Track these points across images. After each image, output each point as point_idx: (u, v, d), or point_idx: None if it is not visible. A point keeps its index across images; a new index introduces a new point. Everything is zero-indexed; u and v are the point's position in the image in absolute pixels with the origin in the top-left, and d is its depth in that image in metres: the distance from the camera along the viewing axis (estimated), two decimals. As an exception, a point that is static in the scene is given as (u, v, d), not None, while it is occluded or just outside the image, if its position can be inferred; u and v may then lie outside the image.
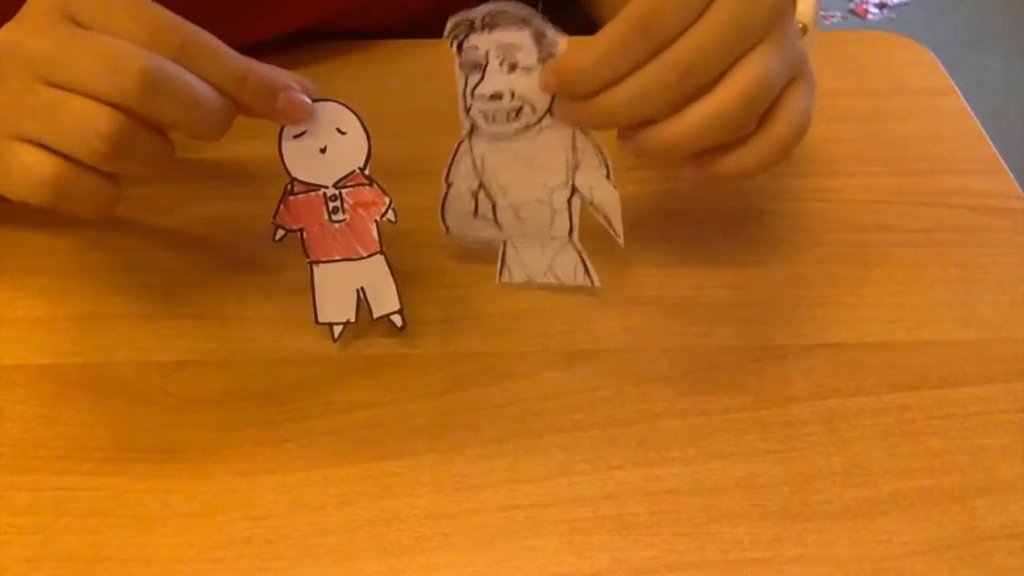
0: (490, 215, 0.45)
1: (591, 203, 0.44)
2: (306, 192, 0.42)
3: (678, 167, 0.42)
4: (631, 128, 0.40)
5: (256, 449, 0.41)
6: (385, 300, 0.43)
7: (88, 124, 0.36)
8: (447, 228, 0.45)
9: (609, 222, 0.44)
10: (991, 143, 0.55)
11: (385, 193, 0.42)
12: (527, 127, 0.42)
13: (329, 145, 0.41)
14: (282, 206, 0.42)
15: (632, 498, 0.39)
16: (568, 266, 0.45)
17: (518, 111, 0.41)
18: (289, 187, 0.42)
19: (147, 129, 0.38)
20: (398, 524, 0.39)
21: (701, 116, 0.39)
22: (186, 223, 0.49)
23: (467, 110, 0.42)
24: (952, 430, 0.42)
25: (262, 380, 0.43)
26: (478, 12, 0.39)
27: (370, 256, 0.43)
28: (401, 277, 0.47)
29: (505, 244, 0.46)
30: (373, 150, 0.41)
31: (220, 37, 0.39)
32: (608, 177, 0.43)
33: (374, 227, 0.42)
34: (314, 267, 0.43)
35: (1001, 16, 2.12)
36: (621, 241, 0.44)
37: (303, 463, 0.40)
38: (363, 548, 0.38)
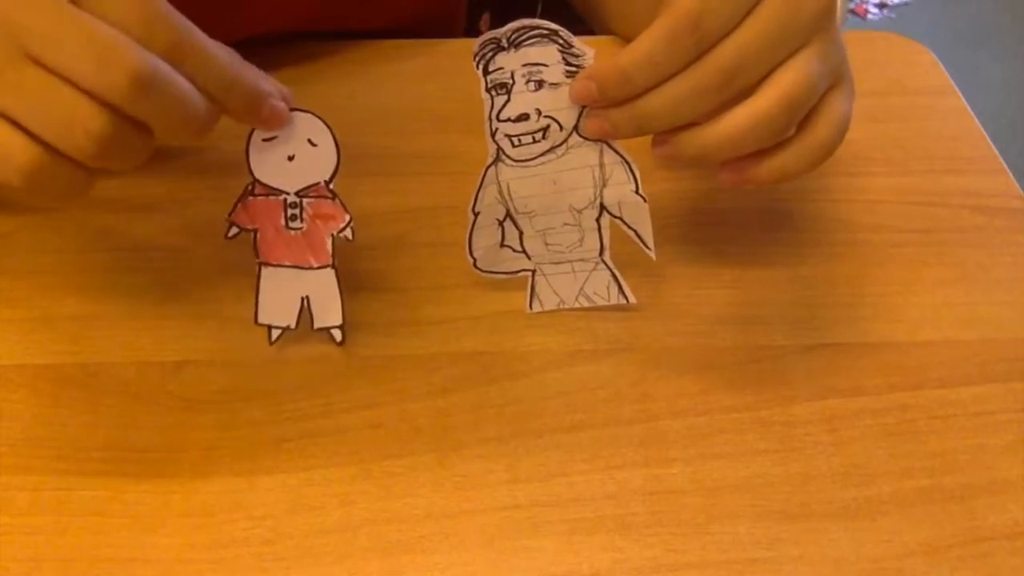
0: (517, 245, 0.45)
1: (621, 219, 0.43)
2: (266, 195, 0.41)
3: (714, 171, 0.41)
4: (666, 133, 0.40)
5: (256, 449, 0.41)
6: (329, 313, 0.43)
7: (78, 121, 0.35)
8: (474, 260, 0.45)
9: (640, 237, 0.43)
10: (991, 143, 0.55)
11: (346, 210, 0.41)
12: (553, 148, 0.41)
13: (298, 154, 0.40)
14: (239, 204, 0.41)
15: (632, 498, 0.39)
16: (601, 287, 0.45)
17: (545, 131, 0.41)
18: (250, 187, 0.41)
19: (133, 128, 0.37)
20: (398, 524, 0.39)
21: (741, 121, 0.38)
22: (186, 223, 0.49)
23: (493, 134, 0.41)
24: (952, 430, 0.42)
25: (262, 380, 0.43)
26: (504, 30, 0.39)
27: (321, 268, 0.42)
28: (401, 277, 0.47)
29: (534, 274, 0.45)
30: (373, 150, 0.41)
31: (205, 31, 0.38)
32: (637, 191, 0.42)
33: (329, 241, 0.42)
34: (262, 267, 0.42)
35: (1001, 16, 2.12)
36: (652, 255, 0.43)
37: (303, 463, 0.40)
38: (363, 548, 0.38)
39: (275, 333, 0.43)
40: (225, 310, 0.46)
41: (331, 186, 0.41)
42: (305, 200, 0.41)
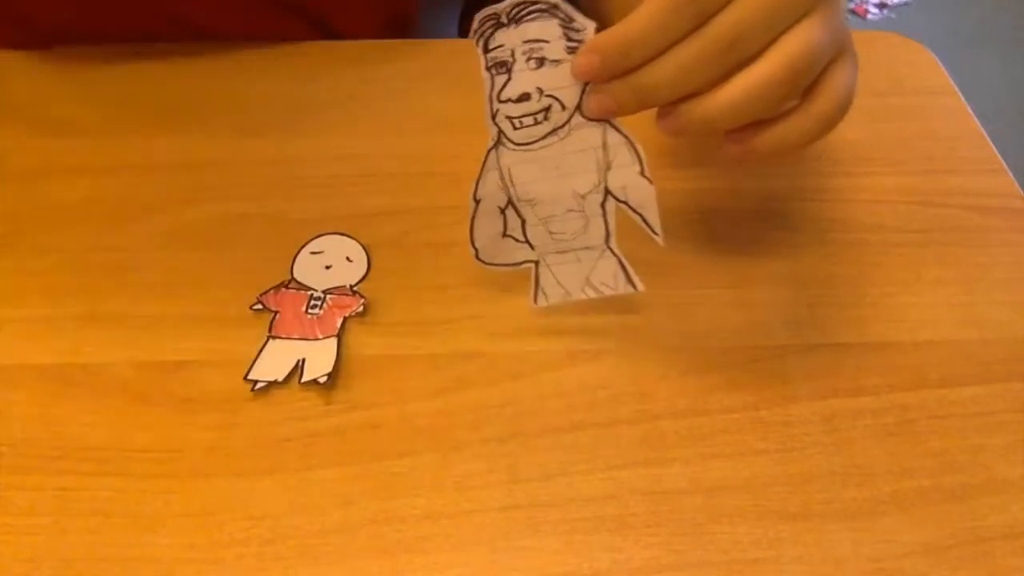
0: (520, 235, 0.44)
1: (626, 203, 0.42)
2: (297, 290, 0.46)
3: (718, 145, 0.41)
4: (670, 104, 0.39)
5: (256, 449, 0.41)
6: (319, 370, 0.43)
7: None
8: (476, 252, 0.44)
9: (646, 221, 0.42)
10: (991, 143, 0.55)
11: (362, 297, 0.46)
12: (555, 130, 0.41)
13: (335, 266, 0.47)
14: (272, 291, 0.46)
15: (632, 498, 0.39)
16: (608, 275, 0.44)
17: (546, 111, 0.40)
18: (285, 283, 0.46)
19: None
20: (398, 524, 0.39)
21: (743, 88, 0.37)
22: (186, 223, 0.49)
23: (493, 116, 0.40)
24: (952, 430, 0.42)
25: (262, 380, 0.43)
26: (503, 5, 0.38)
27: (326, 338, 0.44)
28: (400, 277, 0.47)
29: (537, 265, 0.45)
30: (372, 150, 0.41)
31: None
32: (642, 173, 0.41)
33: (340, 320, 0.45)
34: (271, 339, 0.44)
35: (1001, 16, 2.12)
36: (660, 240, 0.42)
37: (303, 463, 0.40)
38: (363, 548, 0.38)
39: (260, 384, 0.43)
40: (225, 310, 0.46)
41: (355, 288, 0.46)
42: (329, 296, 0.46)
